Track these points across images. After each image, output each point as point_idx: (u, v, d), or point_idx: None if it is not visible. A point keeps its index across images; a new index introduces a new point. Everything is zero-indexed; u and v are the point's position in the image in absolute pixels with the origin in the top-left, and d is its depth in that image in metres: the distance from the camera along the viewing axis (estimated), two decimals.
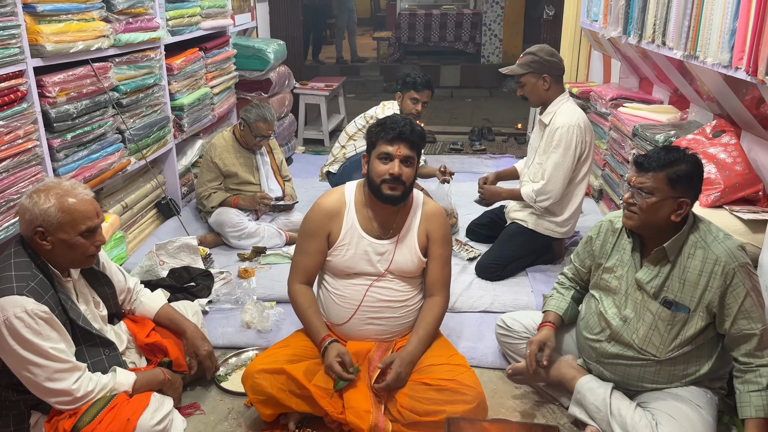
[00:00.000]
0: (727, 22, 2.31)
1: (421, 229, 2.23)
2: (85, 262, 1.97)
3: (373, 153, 2.13)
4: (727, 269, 1.88)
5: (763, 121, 2.52)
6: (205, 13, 4.10)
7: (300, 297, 2.22)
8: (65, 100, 2.70)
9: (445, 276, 2.28)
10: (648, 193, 1.90)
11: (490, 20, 9.05)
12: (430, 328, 2.21)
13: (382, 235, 2.20)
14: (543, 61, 3.02)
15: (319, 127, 6.12)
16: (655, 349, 2.01)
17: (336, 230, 2.19)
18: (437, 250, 2.24)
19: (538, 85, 3.05)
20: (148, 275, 3.01)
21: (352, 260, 2.19)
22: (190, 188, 4.15)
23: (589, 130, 3.05)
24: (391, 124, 2.09)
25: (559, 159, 3.00)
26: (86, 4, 2.79)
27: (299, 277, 2.24)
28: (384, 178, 2.09)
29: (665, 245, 1.95)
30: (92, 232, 1.91)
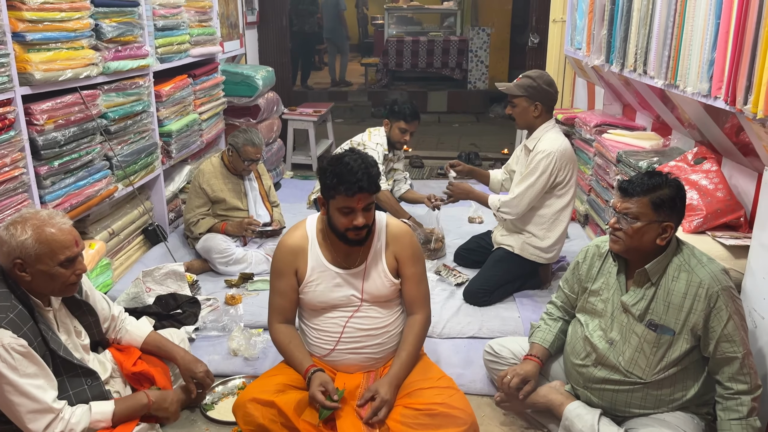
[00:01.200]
0: (705, 52, 2.37)
1: (388, 252, 2.21)
2: (66, 291, 1.95)
3: (333, 204, 2.06)
4: (710, 292, 1.91)
5: (742, 148, 2.57)
6: (195, 41, 4.13)
7: (280, 335, 2.21)
8: (53, 127, 2.71)
9: (422, 293, 2.27)
10: (633, 218, 1.93)
11: (477, 47, 9.19)
12: (412, 349, 2.20)
13: (349, 264, 2.18)
14: (540, 89, 3.07)
15: (307, 152, 6.15)
16: (641, 371, 2.02)
17: (302, 267, 2.17)
18: (409, 269, 2.22)
19: (529, 110, 3.11)
20: (134, 302, 2.99)
21: (324, 294, 2.17)
22: (178, 214, 4.14)
23: (571, 159, 3.10)
24: (348, 178, 1.99)
25: (531, 181, 3.06)
26: (75, 32, 2.81)
27: (277, 317, 2.24)
28: (348, 227, 2.06)
29: (646, 267, 1.98)
30: (71, 261, 1.90)
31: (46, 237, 1.84)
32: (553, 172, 3.04)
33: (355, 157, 2.06)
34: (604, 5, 3.66)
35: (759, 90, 1.94)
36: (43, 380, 1.82)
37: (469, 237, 3.84)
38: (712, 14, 2.31)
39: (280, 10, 6.12)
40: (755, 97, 1.97)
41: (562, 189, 3.11)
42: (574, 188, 3.15)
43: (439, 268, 3.58)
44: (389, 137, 3.93)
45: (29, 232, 1.83)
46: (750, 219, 2.58)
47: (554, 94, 3.11)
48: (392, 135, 3.91)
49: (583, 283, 2.21)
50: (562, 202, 3.13)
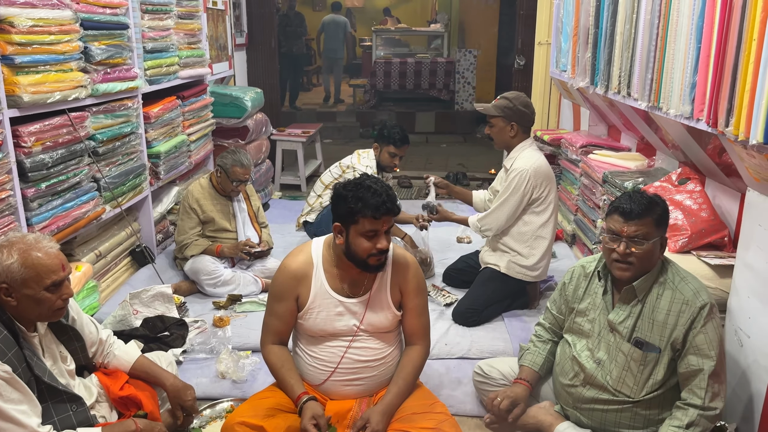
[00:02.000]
0: (687, 75, 2.42)
1: (392, 282, 2.18)
2: (52, 316, 1.93)
3: (355, 229, 2.01)
4: (693, 308, 1.94)
5: (725, 169, 2.62)
6: (183, 63, 4.16)
7: (272, 357, 2.18)
8: (41, 149, 2.70)
9: (423, 325, 2.25)
10: (643, 239, 1.95)
11: (464, 68, 9.30)
12: (410, 379, 2.18)
13: (353, 293, 2.15)
14: (515, 110, 3.14)
15: (296, 172, 6.16)
16: (629, 390, 2.03)
17: (305, 293, 2.14)
18: (412, 301, 2.20)
19: (506, 130, 3.18)
20: (120, 325, 2.96)
21: (324, 322, 2.14)
22: (166, 235, 4.12)
23: (547, 176, 3.15)
24: (373, 200, 1.96)
25: (505, 198, 3.15)
26: (64, 55, 2.82)
27: (271, 338, 2.21)
28: (371, 253, 2.03)
29: (634, 284, 2.01)
30: (58, 285, 1.87)
31: (33, 261, 1.82)
32: (527, 189, 3.10)
33: (374, 180, 2.05)
34: (587, 29, 3.73)
35: (740, 112, 1.98)
36: (27, 406, 1.79)
37: (457, 257, 3.85)
38: (693, 38, 2.37)
39: (269, 32, 6.17)
40: (736, 119, 2.01)
41: (540, 206, 3.16)
42: (553, 205, 3.19)
43: (428, 289, 3.58)
44: (379, 161, 3.96)
45: (15, 257, 1.81)
46: (734, 238, 2.61)
47: (530, 115, 3.19)
48: (382, 159, 3.93)
49: (570, 304, 2.23)
50: (542, 219, 3.18)
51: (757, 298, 2.21)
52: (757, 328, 2.20)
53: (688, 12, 2.41)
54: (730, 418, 2.30)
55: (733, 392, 2.33)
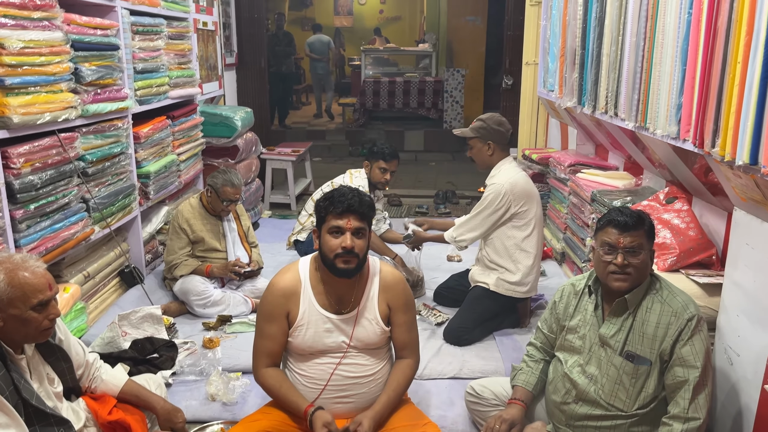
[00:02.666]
0: (673, 97, 2.45)
1: (381, 299, 2.19)
2: (39, 337, 1.90)
3: (324, 228, 2.10)
4: (680, 320, 1.97)
5: (711, 188, 2.65)
6: (174, 83, 4.16)
7: (269, 380, 2.16)
8: (30, 170, 2.69)
9: (413, 339, 2.27)
10: (639, 250, 2.01)
11: (452, 87, 9.38)
12: (401, 389, 2.19)
13: (341, 309, 2.16)
14: (490, 129, 3.24)
15: (285, 191, 6.16)
16: (621, 403, 2.04)
17: (294, 310, 2.14)
18: (401, 318, 2.22)
19: (483, 150, 3.28)
20: (109, 347, 2.93)
21: (313, 339, 2.14)
22: (155, 255, 4.10)
23: (524, 192, 3.19)
24: (339, 198, 2.07)
25: (479, 211, 3.24)
26: (55, 76, 2.81)
27: (264, 362, 2.18)
28: (337, 253, 2.05)
29: (626, 296, 2.03)
30: (45, 305, 1.85)
31: (19, 280, 1.80)
32: (501, 203, 3.16)
33: (349, 187, 2.15)
34: (574, 50, 3.79)
35: (726, 133, 2.02)
36: (14, 430, 1.77)
37: (448, 275, 3.86)
38: (678, 60, 2.41)
39: (259, 52, 6.20)
40: (722, 140, 2.04)
41: (521, 221, 3.21)
42: (535, 221, 3.23)
43: (419, 308, 3.58)
44: (370, 178, 3.98)
45: (1, 276, 1.79)
46: (722, 257, 2.64)
47: (505, 132, 3.27)
48: (373, 176, 3.96)
49: (561, 321, 2.24)
50: (524, 234, 3.22)
51: (745, 316, 2.23)
52: (747, 346, 2.22)
53: (672, 35, 2.46)
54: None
55: (724, 409, 2.34)
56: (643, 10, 2.73)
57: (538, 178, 4.77)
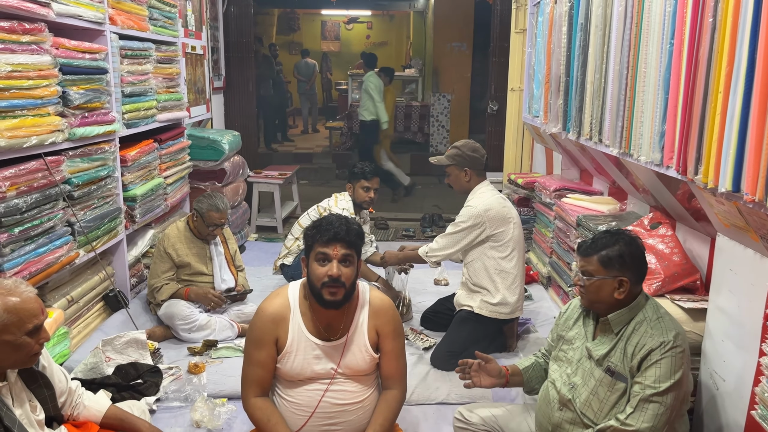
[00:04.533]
0: (656, 124, 2.50)
1: (370, 325, 2.18)
2: (28, 362, 1.89)
3: (311, 255, 2.09)
4: (655, 341, 1.97)
5: (694, 214, 2.69)
6: (162, 106, 4.17)
7: (258, 412, 2.13)
8: (15, 194, 2.66)
9: (400, 368, 2.25)
10: (589, 275, 2.08)
11: (438, 112, 9.48)
12: (387, 424, 2.17)
13: (330, 336, 2.14)
14: (465, 156, 3.32)
15: (272, 214, 6.15)
16: (593, 414, 2.05)
17: (283, 336, 2.13)
18: (389, 345, 2.21)
19: (461, 176, 3.37)
20: (92, 373, 2.88)
21: (302, 366, 2.12)
22: (140, 279, 4.06)
23: (498, 216, 3.24)
24: (326, 226, 2.07)
25: (451, 230, 3.32)
26: (42, 100, 2.80)
27: (254, 391, 2.15)
28: (323, 282, 2.04)
29: (609, 317, 2.08)
30: (38, 330, 1.85)
31: (14, 306, 1.79)
32: (475, 225, 3.22)
33: (337, 215, 2.16)
34: (559, 77, 3.85)
35: (708, 161, 2.06)
36: None
37: (435, 299, 3.86)
38: (660, 89, 2.46)
39: (246, 76, 6.24)
40: (705, 168, 2.08)
41: (498, 242, 3.25)
42: (513, 242, 3.27)
43: (406, 332, 3.57)
44: (354, 199, 4.00)
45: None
46: (706, 282, 2.67)
47: (480, 159, 3.35)
48: (357, 196, 3.99)
49: (560, 331, 2.29)
50: (502, 254, 3.26)
51: (730, 341, 2.25)
52: (732, 371, 2.24)
53: (655, 64, 2.51)
54: None
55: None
56: (626, 39, 2.80)
57: (524, 203, 4.81)
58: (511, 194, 4.95)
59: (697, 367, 2.46)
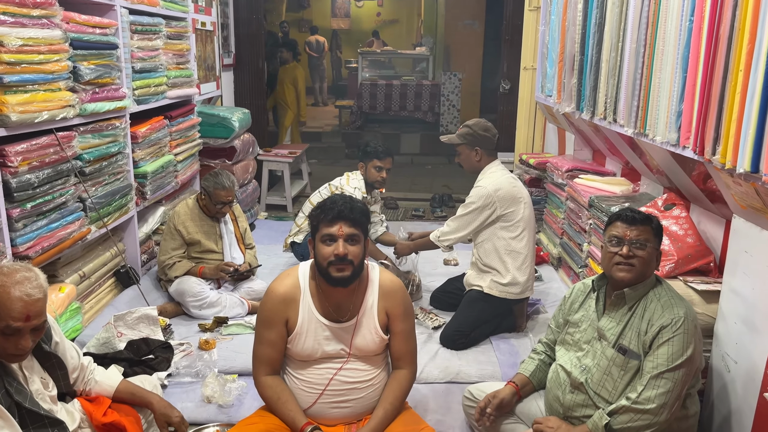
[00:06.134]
0: (673, 104, 2.46)
1: (380, 306, 2.18)
2: (7, 359, 1.80)
3: (317, 236, 2.09)
4: (666, 318, 1.98)
5: (710, 195, 2.66)
6: (172, 83, 4.15)
7: (268, 390, 2.14)
8: (27, 169, 2.67)
9: (410, 349, 2.25)
10: (645, 243, 2.06)
11: (448, 91, 9.39)
12: (398, 403, 2.17)
13: (340, 317, 2.14)
14: (476, 135, 3.29)
15: (282, 193, 6.15)
16: (607, 393, 2.06)
17: (293, 317, 2.13)
18: (399, 326, 2.20)
19: (471, 156, 3.34)
20: (104, 348, 2.91)
21: (312, 347, 2.13)
22: (151, 256, 4.08)
23: (509, 196, 3.22)
24: (330, 205, 2.07)
25: (461, 212, 3.30)
26: (53, 75, 2.80)
27: (264, 369, 2.16)
28: (330, 260, 2.04)
29: (625, 291, 2.07)
30: (14, 333, 1.74)
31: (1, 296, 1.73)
32: (485, 205, 3.20)
33: (342, 195, 2.15)
34: (573, 55, 3.79)
35: (727, 141, 2.02)
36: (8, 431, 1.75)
37: (444, 279, 3.86)
38: (678, 67, 2.41)
39: (256, 53, 6.19)
40: (723, 148, 2.05)
41: (508, 222, 3.23)
42: (524, 222, 3.25)
43: (416, 312, 3.57)
44: (366, 179, 3.98)
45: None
46: (719, 264, 2.65)
47: (492, 138, 3.32)
48: (369, 176, 3.96)
49: (566, 316, 2.29)
50: (512, 235, 3.24)
51: (743, 323, 2.23)
52: (745, 354, 2.22)
53: (674, 42, 2.46)
54: None
55: (722, 418, 2.34)
56: (644, 16, 2.74)
57: (536, 183, 4.77)
58: (522, 175, 4.92)
59: (708, 349, 2.44)
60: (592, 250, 3.50)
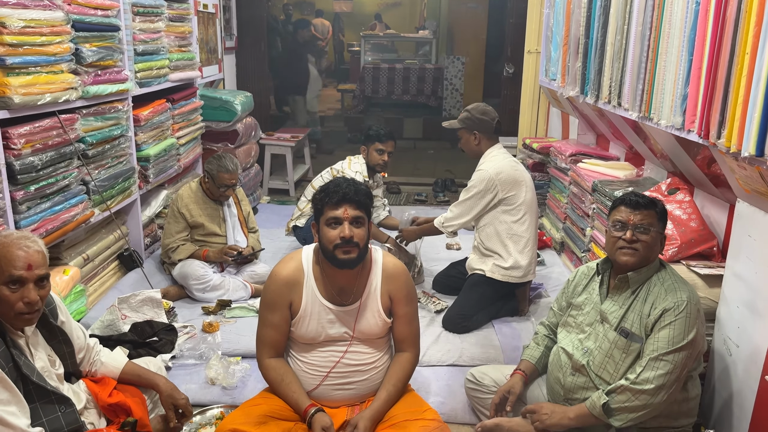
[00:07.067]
0: (678, 87, 2.44)
1: (383, 290, 2.18)
2: (16, 320, 1.82)
3: (322, 220, 2.08)
4: (668, 302, 1.99)
5: (714, 179, 2.65)
6: (174, 66, 4.13)
7: (272, 373, 2.16)
8: (30, 151, 2.67)
9: (413, 332, 2.26)
10: (648, 227, 2.06)
11: (452, 75, 9.33)
12: (400, 385, 2.19)
13: (343, 300, 2.15)
14: (474, 119, 3.29)
15: (284, 177, 6.14)
16: (609, 376, 2.07)
17: (297, 300, 2.13)
18: (402, 309, 2.21)
19: (470, 140, 3.35)
20: (109, 330, 2.93)
21: (316, 330, 2.14)
22: (154, 239, 4.09)
23: (510, 179, 3.22)
24: (334, 188, 2.06)
25: (463, 196, 3.30)
26: (55, 57, 2.79)
27: (268, 352, 2.17)
28: (336, 243, 2.04)
29: (629, 275, 2.08)
30: (18, 283, 1.78)
31: (1, 252, 1.77)
32: (487, 189, 3.20)
33: (344, 178, 2.14)
34: (578, 38, 3.77)
35: (732, 124, 2.01)
36: (15, 407, 1.76)
37: (447, 263, 3.87)
38: (684, 51, 2.40)
39: (259, 36, 6.15)
40: (728, 131, 2.04)
41: (509, 206, 3.23)
42: (525, 206, 3.24)
43: (418, 296, 3.58)
44: (368, 162, 3.98)
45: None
46: (723, 249, 2.65)
47: (490, 122, 3.30)
48: (371, 159, 3.96)
49: (569, 299, 2.30)
50: (513, 218, 3.24)
51: (745, 307, 2.24)
52: (746, 337, 2.23)
53: (680, 25, 2.44)
54: (719, 427, 2.33)
55: (722, 401, 2.36)
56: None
57: (539, 168, 4.76)
58: (525, 159, 4.90)
59: (710, 333, 2.45)
60: (595, 235, 3.50)
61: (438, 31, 10.87)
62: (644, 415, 1.97)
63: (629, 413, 1.97)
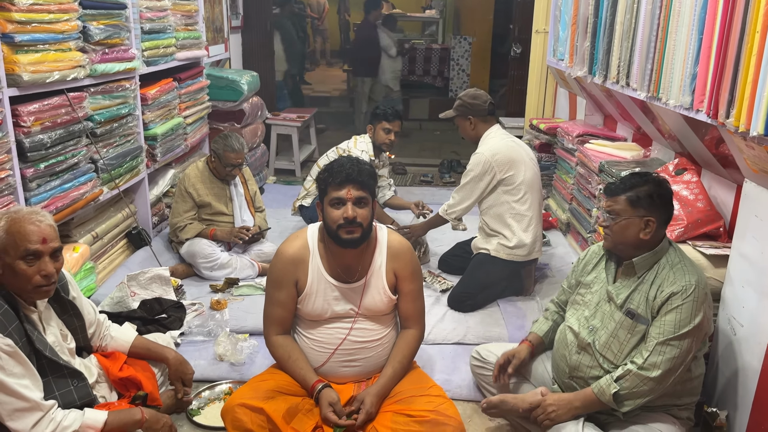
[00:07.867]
0: (688, 67, 2.43)
1: (388, 267, 2.21)
2: (34, 294, 1.86)
3: (326, 200, 2.11)
4: (675, 285, 1.99)
5: (722, 160, 2.65)
6: (180, 45, 4.12)
7: (279, 350, 2.19)
8: (39, 129, 2.68)
9: (418, 309, 2.29)
10: (615, 215, 2.08)
11: (458, 55, 9.27)
12: (406, 362, 2.22)
13: (349, 278, 2.18)
14: (466, 104, 3.31)
15: (290, 157, 6.15)
16: (612, 355, 2.08)
17: (303, 278, 2.16)
18: (407, 286, 2.24)
19: (467, 126, 3.36)
20: (118, 307, 2.96)
21: (322, 307, 2.17)
22: (161, 218, 4.11)
23: (507, 159, 3.22)
24: (337, 168, 2.08)
25: (463, 181, 3.32)
26: (63, 34, 2.79)
27: (274, 329, 2.21)
28: (339, 223, 2.06)
29: (634, 260, 2.08)
30: (34, 256, 1.81)
31: (14, 228, 1.80)
32: (485, 171, 3.21)
33: (349, 157, 2.15)
34: (587, 18, 3.73)
35: (741, 104, 2.00)
36: (29, 380, 1.80)
37: (453, 243, 3.88)
38: (695, 30, 2.38)
39: (265, 15, 6.12)
40: (737, 111, 2.03)
41: (509, 186, 3.23)
42: (525, 185, 3.24)
43: (424, 275, 3.60)
44: (375, 141, 3.98)
45: (2, 223, 1.81)
46: (729, 229, 2.65)
47: (482, 104, 3.30)
48: (377, 138, 3.96)
49: (578, 277, 2.31)
50: (514, 197, 3.25)
51: (751, 287, 2.25)
52: (751, 317, 2.24)
53: (690, 3, 2.42)
54: (723, 405, 2.35)
55: (726, 380, 2.37)
56: None
57: (546, 149, 4.75)
58: (532, 140, 4.89)
59: (715, 312, 2.46)
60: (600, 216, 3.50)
61: (445, 11, 10.77)
62: (650, 399, 2.00)
63: (636, 398, 1.99)
